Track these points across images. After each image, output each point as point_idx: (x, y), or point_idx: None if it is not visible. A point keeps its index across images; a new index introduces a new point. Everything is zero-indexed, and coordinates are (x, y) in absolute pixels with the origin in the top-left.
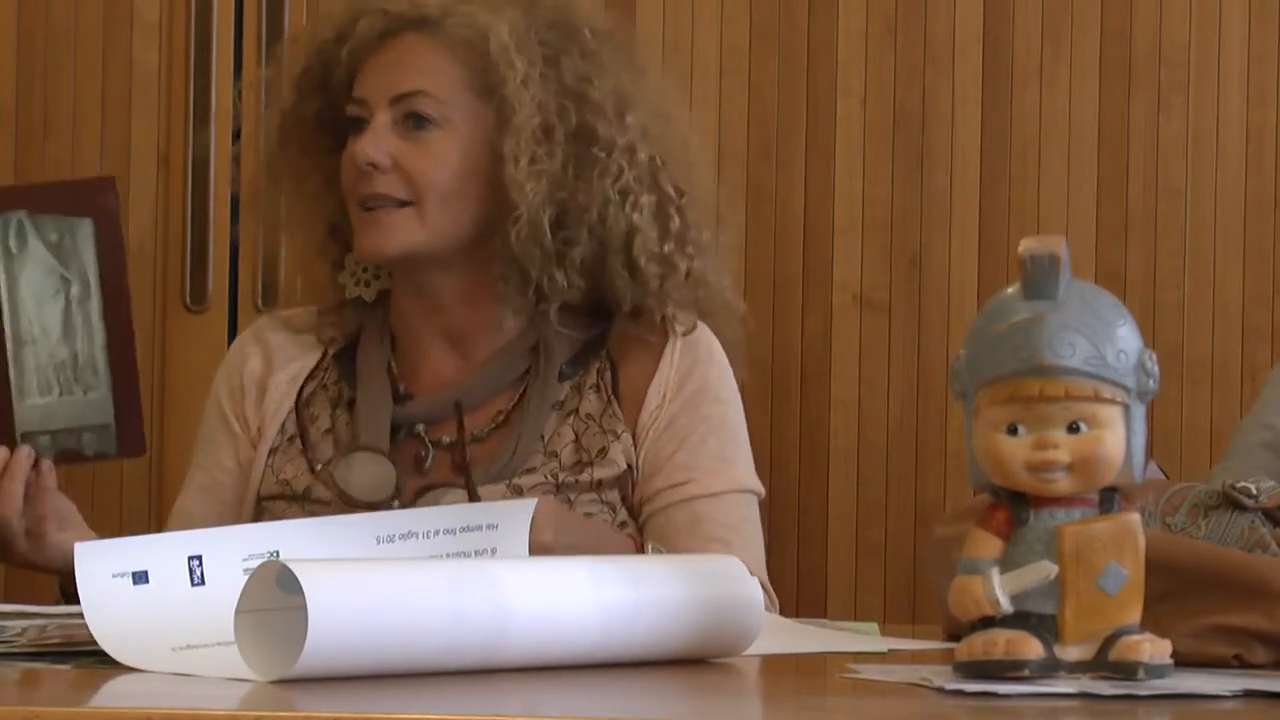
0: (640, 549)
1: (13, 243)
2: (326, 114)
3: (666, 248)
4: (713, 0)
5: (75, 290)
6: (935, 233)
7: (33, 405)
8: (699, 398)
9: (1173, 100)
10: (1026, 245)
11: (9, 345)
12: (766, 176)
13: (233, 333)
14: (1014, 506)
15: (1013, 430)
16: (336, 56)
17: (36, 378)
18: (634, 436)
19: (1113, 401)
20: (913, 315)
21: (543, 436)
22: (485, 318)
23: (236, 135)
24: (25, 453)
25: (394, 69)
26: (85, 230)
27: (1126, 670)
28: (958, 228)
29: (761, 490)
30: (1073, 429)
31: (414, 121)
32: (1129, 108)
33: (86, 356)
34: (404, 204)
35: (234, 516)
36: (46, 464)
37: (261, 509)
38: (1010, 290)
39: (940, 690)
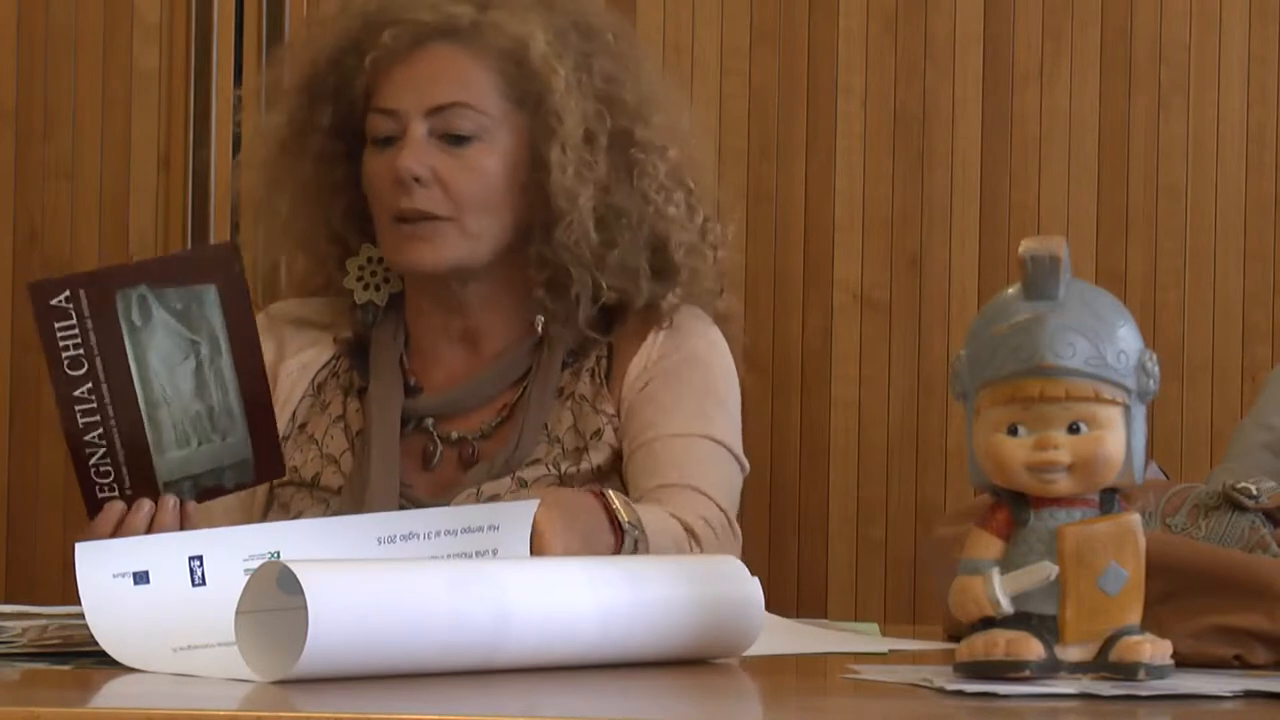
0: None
1: (136, 317)
2: (339, 122)
3: (696, 243)
4: (713, 0)
5: (205, 350)
6: (935, 233)
7: (172, 457)
8: (681, 367)
9: (1173, 100)
10: (1027, 245)
11: (143, 408)
12: (766, 176)
13: None
14: (1014, 507)
15: (1013, 431)
16: (354, 65)
17: (174, 433)
18: (619, 413)
19: (1113, 402)
20: (913, 315)
21: (546, 425)
22: (504, 318)
23: (237, 142)
24: (171, 503)
25: (428, 81)
26: (210, 296)
27: (1127, 671)
28: (958, 228)
29: (744, 460)
30: (1073, 429)
31: (452, 135)
32: (1129, 107)
33: (222, 406)
34: (444, 218)
35: (247, 509)
36: (190, 506)
37: (272, 496)
38: (1010, 290)
39: (941, 691)
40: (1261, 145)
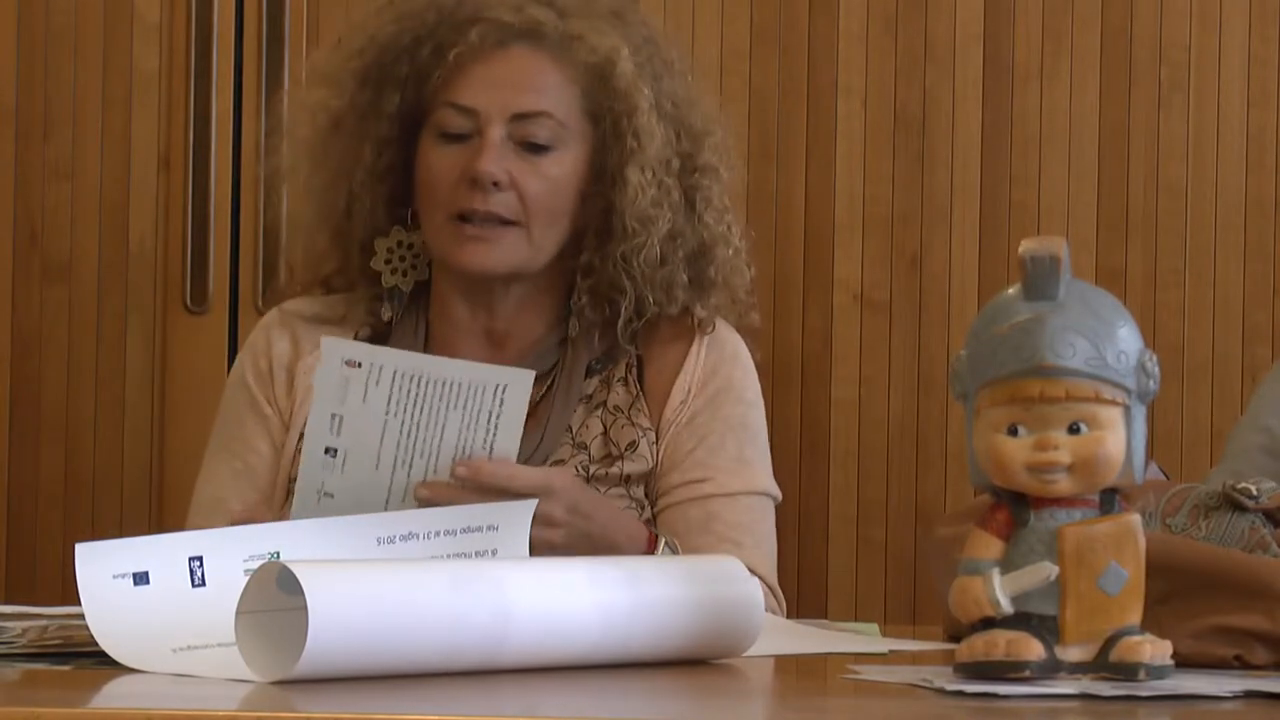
0: (653, 543)
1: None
2: (402, 110)
3: (736, 260)
4: (713, 0)
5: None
6: (935, 233)
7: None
8: (722, 396)
9: (1173, 100)
10: (1027, 246)
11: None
12: (767, 176)
13: (233, 333)
14: (1015, 507)
15: (1013, 431)
16: (430, 57)
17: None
18: (657, 432)
19: (1113, 402)
20: (913, 315)
21: (570, 428)
22: (534, 320)
23: (237, 141)
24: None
25: (511, 85)
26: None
27: (1127, 671)
28: (958, 228)
29: (778, 494)
30: (1073, 430)
31: (531, 143)
32: (1130, 107)
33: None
34: (509, 223)
35: (268, 502)
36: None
37: (288, 491)
38: (1011, 291)
39: (941, 691)
40: (1261, 145)
